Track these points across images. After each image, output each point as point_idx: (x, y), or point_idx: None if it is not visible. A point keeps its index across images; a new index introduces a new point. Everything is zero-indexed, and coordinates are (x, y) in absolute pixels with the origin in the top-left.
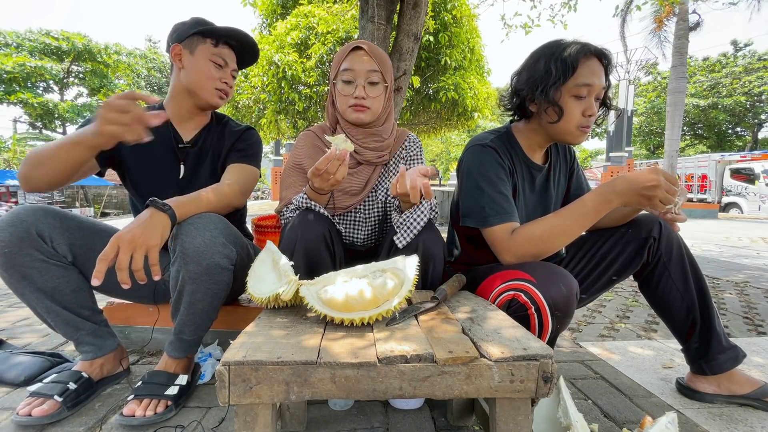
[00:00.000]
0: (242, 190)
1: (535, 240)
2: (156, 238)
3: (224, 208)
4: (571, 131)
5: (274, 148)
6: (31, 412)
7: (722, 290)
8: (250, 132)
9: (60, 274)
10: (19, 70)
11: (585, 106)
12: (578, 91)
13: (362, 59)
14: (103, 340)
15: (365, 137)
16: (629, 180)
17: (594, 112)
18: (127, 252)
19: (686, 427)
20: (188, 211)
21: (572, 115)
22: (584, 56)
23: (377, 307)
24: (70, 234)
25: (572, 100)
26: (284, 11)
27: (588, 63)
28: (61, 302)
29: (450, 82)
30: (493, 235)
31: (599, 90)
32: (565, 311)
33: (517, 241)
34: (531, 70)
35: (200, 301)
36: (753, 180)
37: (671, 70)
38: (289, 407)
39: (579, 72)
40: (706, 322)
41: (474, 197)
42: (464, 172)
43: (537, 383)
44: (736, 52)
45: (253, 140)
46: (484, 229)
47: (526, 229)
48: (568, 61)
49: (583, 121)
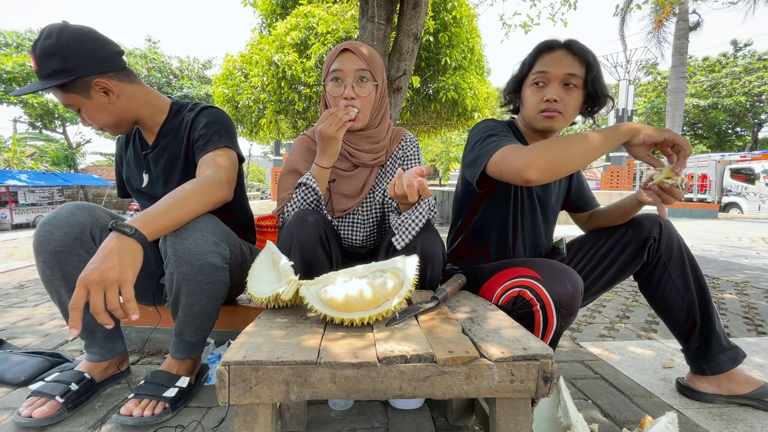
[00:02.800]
0: (219, 177)
1: (552, 145)
2: (127, 271)
3: (207, 204)
4: (532, 116)
5: (274, 148)
6: (32, 414)
7: (722, 290)
8: (203, 113)
9: None
10: (19, 70)
11: (543, 93)
12: (534, 78)
13: (350, 59)
14: (113, 343)
15: (359, 140)
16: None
17: (554, 96)
18: (99, 294)
19: (686, 427)
20: (160, 225)
21: (529, 102)
22: (545, 50)
23: (377, 307)
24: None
25: (531, 88)
26: (284, 11)
27: (550, 54)
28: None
29: (450, 82)
30: (502, 153)
31: (561, 76)
32: (570, 309)
33: (531, 147)
34: (515, 71)
35: (198, 302)
36: (753, 180)
37: (671, 70)
38: (289, 407)
39: (537, 63)
40: (706, 322)
41: (481, 143)
42: (470, 138)
43: (537, 383)
44: (736, 52)
45: (206, 121)
46: (492, 157)
47: (540, 141)
48: (527, 58)
49: (542, 105)
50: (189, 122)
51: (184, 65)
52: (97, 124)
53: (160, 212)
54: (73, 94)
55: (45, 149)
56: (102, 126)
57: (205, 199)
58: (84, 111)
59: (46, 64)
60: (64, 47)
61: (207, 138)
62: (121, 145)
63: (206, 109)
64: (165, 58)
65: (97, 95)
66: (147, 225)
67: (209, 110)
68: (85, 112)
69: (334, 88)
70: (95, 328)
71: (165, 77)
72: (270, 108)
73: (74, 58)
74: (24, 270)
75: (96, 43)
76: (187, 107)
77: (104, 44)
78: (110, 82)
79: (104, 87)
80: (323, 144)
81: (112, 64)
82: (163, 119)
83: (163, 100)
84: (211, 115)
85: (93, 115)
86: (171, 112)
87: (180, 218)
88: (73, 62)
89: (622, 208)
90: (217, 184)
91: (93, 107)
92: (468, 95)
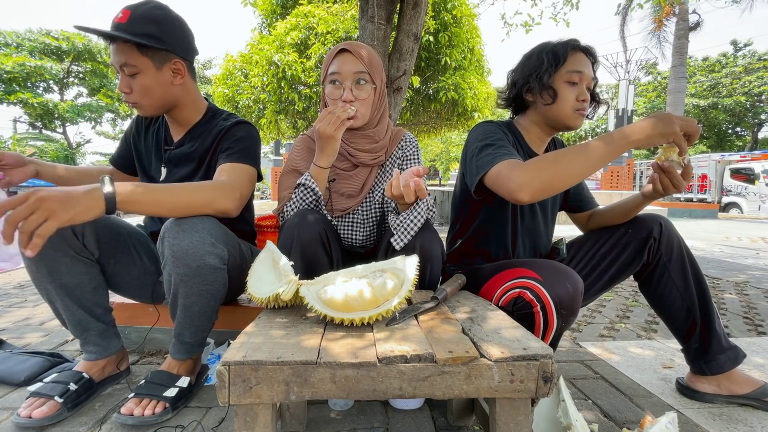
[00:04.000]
0: (232, 188)
1: (546, 163)
2: (67, 213)
3: (205, 208)
4: (569, 114)
5: (274, 148)
6: (32, 414)
7: (722, 290)
8: (238, 127)
9: (84, 271)
10: (19, 70)
11: (578, 91)
12: (570, 77)
13: (348, 61)
14: (108, 341)
15: (358, 139)
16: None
17: (587, 97)
18: (31, 208)
19: (686, 427)
20: (139, 203)
21: (567, 99)
22: (572, 49)
23: (377, 307)
24: (100, 231)
25: (566, 86)
26: (284, 11)
27: (576, 55)
28: (80, 299)
29: (450, 82)
30: (498, 169)
31: (589, 80)
32: (571, 309)
33: (526, 166)
34: (525, 65)
35: (196, 303)
36: (753, 180)
37: (671, 70)
38: (289, 407)
39: (569, 61)
40: (706, 322)
41: (479, 153)
42: (469, 143)
43: (537, 383)
44: (736, 52)
45: (239, 135)
46: (489, 170)
47: (536, 157)
48: (559, 52)
49: (577, 104)
50: (222, 130)
51: None
52: (145, 95)
53: (149, 190)
54: (147, 59)
55: (45, 149)
56: (144, 98)
57: (205, 201)
58: (141, 78)
59: (144, 26)
60: (169, 22)
61: (235, 150)
62: (141, 126)
63: (242, 124)
64: None
65: (167, 72)
66: (129, 195)
67: (245, 126)
68: (141, 79)
69: (333, 91)
70: (88, 325)
71: None
72: (270, 108)
73: (173, 35)
74: (24, 270)
75: (190, 33)
76: (222, 115)
77: (193, 38)
78: (184, 67)
79: (178, 69)
80: (322, 143)
81: (193, 56)
82: (197, 120)
83: (203, 102)
84: (246, 130)
85: (148, 85)
86: (206, 116)
87: (166, 209)
88: (170, 37)
89: (625, 206)
90: (227, 193)
91: (154, 79)
92: (468, 95)
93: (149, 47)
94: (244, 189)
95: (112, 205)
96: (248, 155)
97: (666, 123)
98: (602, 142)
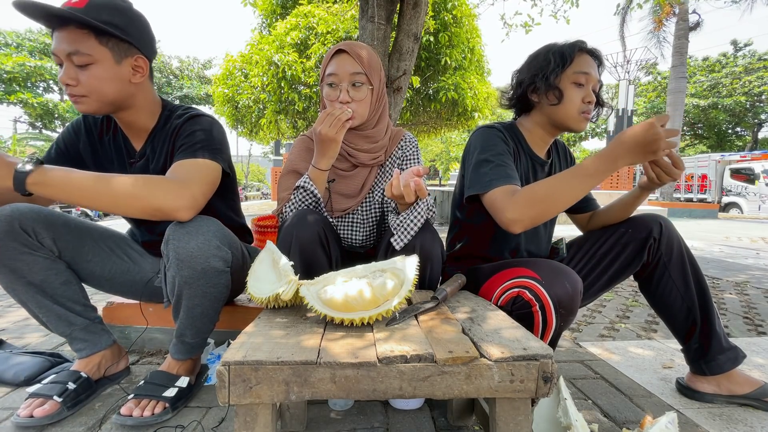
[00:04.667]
0: (181, 188)
1: (537, 199)
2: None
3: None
4: (574, 116)
5: (274, 148)
6: (33, 413)
7: (722, 290)
8: (191, 121)
9: (48, 266)
10: (19, 70)
11: (584, 93)
12: (577, 78)
13: (345, 62)
14: (97, 336)
15: (357, 140)
16: (630, 142)
17: (593, 99)
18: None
19: (686, 427)
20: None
21: (573, 101)
22: (579, 50)
23: (377, 307)
24: (55, 230)
25: (572, 87)
26: (284, 11)
27: (583, 56)
28: (52, 296)
29: (450, 82)
30: (494, 196)
31: (595, 82)
32: (570, 309)
33: (518, 200)
34: (531, 65)
35: (199, 306)
36: (753, 180)
37: (671, 70)
38: (289, 407)
39: (576, 62)
40: (706, 323)
41: (478, 168)
42: (470, 150)
43: (537, 383)
44: (736, 52)
45: (192, 129)
46: (486, 194)
47: (528, 189)
48: (566, 53)
49: (583, 107)
50: (175, 129)
51: (184, 65)
52: (95, 89)
53: (75, 177)
54: (106, 49)
55: (45, 149)
56: (94, 93)
57: (143, 197)
58: (95, 69)
59: (108, 13)
60: (134, 16)
61: (189, 144)
62: (92, 135)
63: (196, 117)
64: (165, 58)
65: (126, 68)
66: (43, 176)
67: (199, 118)
68: (95, 70)
69: (330, 92)
70: (69, 321)
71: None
72: (270, 108)
73: (137, 29)
74: None
75: (153, 34)
76: (177, 112)
77: (155, 40)
78: (146, 66)
79: (140, 66)
80: (322, 146)
81: (154, 56)
82: (154, 124)
83: (158, 103)
84: (200, 123)
85: (102, 77)
86: (161, 119)
87: (91, 201)
88: (134, 30)
89: (624, 201)
90: (173, 192)
91: (111, 72)
92: (468, 95)
93: (111, 36)
94: (199, 186)
95: (19, 183)
96: (204, 148)
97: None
98: (592, 168)
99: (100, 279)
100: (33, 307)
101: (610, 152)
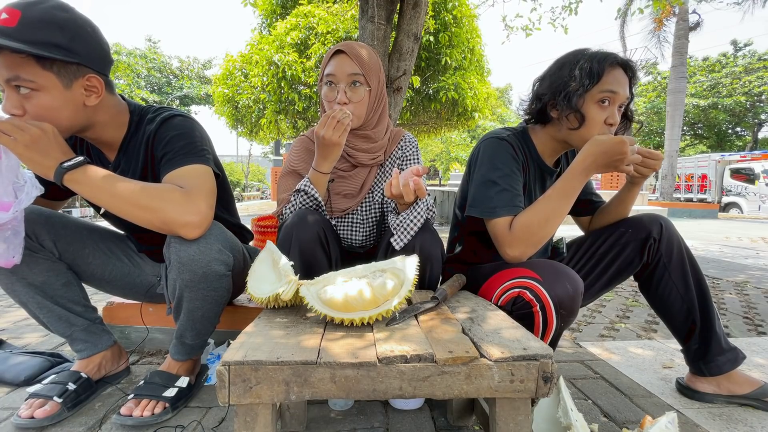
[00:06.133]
0: (190, 201)
1: (533, 231)
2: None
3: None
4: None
5: (274, 148)
6: (33, 414)
7: (722, 290)
8: (166, 125)
9: (48, 267)
10: None
11: (608, 113)
12: (602, 96)
13: (344, 63)
14: (97, 337)
15: (356, 140)
16: (597, 152)
17: (615, 121)
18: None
19: (686, 427)
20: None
21: (594, 122)
22: (610, 65)
23: (377, 307)
24: (55, 232)
25: (595, 107)
26: (284, 11)
27: (613, 72)
28: (53, 297)
29: (450, 82)
30: (497, 227)
31: (623, 99)
32: (570, 310)
33: (516, 235)
34: (554, 76)
35: (199, 308)
36: (753, 180)
37: (671, 70)
38: (289, 407)
39: (605, 79)
40: (706, 323)
41: (484, 188)
42: (477, 162)
43: (537, 383)
44: (736, 52)
45: (172, 135)
46: (489, 221)
47: (521, 220)
48: (595, 69)
49: (603, 129)
50: (150, 137)
51: (184, 65)
52: (46, 119)
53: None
54: (51, 74)
55: None
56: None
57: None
58: (41, 97)
59: (44, 32)
60: (78, 27)
61: (175, 152)
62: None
63: (170, 119)
64: (165, 58)
65: (78, 90)
66: (80, 173)
67: (174, 119)
68: (41, 99)
69: (328, 93)
70: (69, 321)
71: (165, 77)
72: (270, 108)
73: (84, 43)
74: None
75: (104, 41)
76: (148, 116)
77: (108, 46)
78: (101, 84)
79: (93, 86)
80: (325, 150)
81: (108, 68)
82: (124, 134)
83: (125, 111)
84: (176, 125)
85: (51, 106)
86: (131, 126)
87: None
88: (80, 47)
89: (618, 196)
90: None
91: (60, 99)
92: (468, 95)
93: (54, 60)
94: (206, 197)
95: (59, 173)
96: (192, 152)
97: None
98: (573, 186)
99: (101, 281)
100: (33, 308)
101: (581, 165)
